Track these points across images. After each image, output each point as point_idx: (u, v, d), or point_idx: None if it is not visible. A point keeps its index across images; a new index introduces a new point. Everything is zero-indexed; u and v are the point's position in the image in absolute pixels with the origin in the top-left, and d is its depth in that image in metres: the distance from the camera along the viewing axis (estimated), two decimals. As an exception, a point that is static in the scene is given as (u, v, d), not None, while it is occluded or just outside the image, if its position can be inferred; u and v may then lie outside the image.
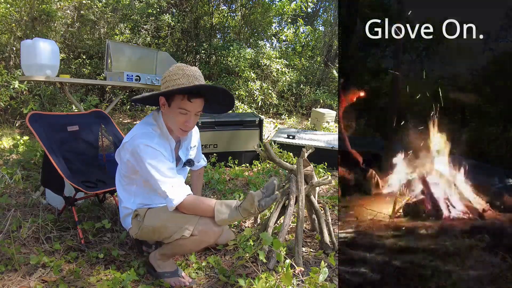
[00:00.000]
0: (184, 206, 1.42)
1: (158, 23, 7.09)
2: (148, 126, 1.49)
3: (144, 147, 1.40)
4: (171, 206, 1.41)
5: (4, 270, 1.58)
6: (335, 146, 3.52)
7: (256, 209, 1.36)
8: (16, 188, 2.53)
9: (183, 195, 1.42)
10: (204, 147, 3.34)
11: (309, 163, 1.90)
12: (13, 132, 4.34)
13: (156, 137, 1.46)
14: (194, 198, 1.46)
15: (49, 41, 2.67)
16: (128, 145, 1.44)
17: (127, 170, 1.52)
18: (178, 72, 1.43)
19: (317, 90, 8.09)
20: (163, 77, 1.49)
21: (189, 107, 1.45)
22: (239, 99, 6.88)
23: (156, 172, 1.39)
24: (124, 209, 1.58)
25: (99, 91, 6.81)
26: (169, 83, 1.43)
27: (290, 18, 8.99)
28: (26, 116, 1.93)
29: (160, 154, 1.42)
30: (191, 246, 1.50)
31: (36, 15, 5.63)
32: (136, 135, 1.44)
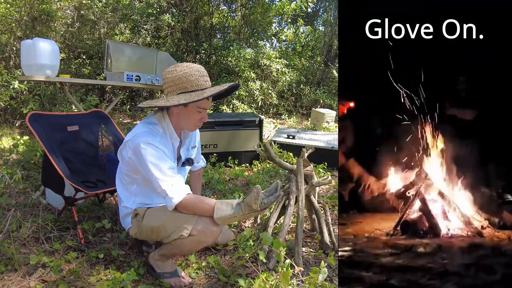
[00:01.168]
0: (183, 205, 1.41)
1: (158, 23, 7.09)
2: (151, 125, 1.49)
3: (146, 145, 1.39)
4: (170, 205, 1.41)
5: (4, 270, 1.58)
6: (335, 146, 3.52)
7: (259, 206, 1.34)
8: (16, 188, 2.53)
9: (183, 194, 1.41)
10: (204, 147, 3.34)
11: (309, 163, 1.90)
12: (13, 132, 4.34)
13: (159, 136, 1.46)
14: (194, 197, 1.46)
15: (49, 41, 2.67)
16: (131, 143, 1.44)
17: (129, 169, 1.52)
18: (194, 73, 1.43)
19: (317, 90, 8.09)
20: (170, 77, 1.45)
21: (207, 104, 1.49)
22: (239, 99, 6.88)
23: (157, 170, 1.39)
24: (124, 208, 1.58)
25: (99, 91, 6.81)
26: (186, 84, 1.42)
27: (290, 18, 8.99)
28: (26, 116, 1.93)
29: (162, 152, 1.42)
30: (190, 246, 1.49)
31: (36, 15, 5.63)
32: (139, 133, 1.43)
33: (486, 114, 1.38)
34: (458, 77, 1.37)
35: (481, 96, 1.38)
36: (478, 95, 1.37)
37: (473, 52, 1.29)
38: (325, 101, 7.57)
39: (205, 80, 1.47)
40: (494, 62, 1.32)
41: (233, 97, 6.83)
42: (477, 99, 1.38)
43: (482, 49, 1.28)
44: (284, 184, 1.93)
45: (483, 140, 1.40)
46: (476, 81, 1.35)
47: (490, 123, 1.39)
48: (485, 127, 1.39)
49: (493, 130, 1.40)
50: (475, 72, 1.34)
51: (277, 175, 3.19)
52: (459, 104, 1.40)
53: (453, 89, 1.38)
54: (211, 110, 6.26)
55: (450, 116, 1.40)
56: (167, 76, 1.47)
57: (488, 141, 1.40)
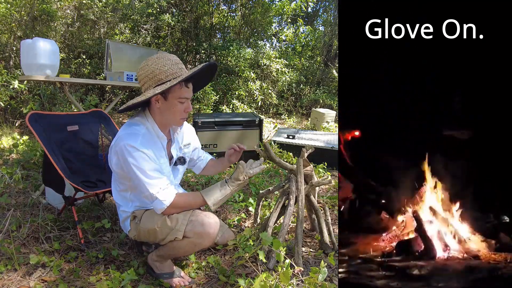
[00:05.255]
0: (174, 205, 1.40)
1: (158, 23, 7.08)
2: (132, 127, 1.43)
3: (128, 147, 1.34)
4: (161, 208, 1.38)
5: (4, 270, 1.58)
6: (335, 146, 3.52)
7: (245, 176, 1.49)
8: (16, 188, 2.53)
9: (173, 195, 1.40)
10: (204, 147, 3.33)
11: (309, 163, 1.90)
12: (13, 132, 4.34)
13: (140, 136, 1.39)
14: (180, 194, 1.46)
15: (49, 41, 2.66)
16: (114, 148, 1.40)
17: (119, 175, 1.49)
18: (166, 62, 1.38)
19: (317, 90, 8.09)
20: (143, 73, 1.40)
21: (188, 93, 1.43)
22: (239, 99, 6.88)
23: (141, 173, 1.35)
24: (122, 212, 1.57)
25: (99, 91, 6.80)
26: (161, 75, 1.37)
27: (290, 18, 8.98)
28: (26, 116, 1.93)
29: (143, 154, 1.36)
30: (185, 249, 1.48)
31: (36, 15, 5.63)
32: (120, 137, 1.39)
33: (481, 134, 1.36)
34: (454, 96, 1.35)
35: (477, 115, 1.36)
36: (474, 114, 1.36)
37: (472, 53, 1.29)
38: (325, 101, 7.57)
39: (179, 67, 1.41)
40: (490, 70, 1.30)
41: (233, 97, 6.83)
42: (473, 118, 1.36)
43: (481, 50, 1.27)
44: (283, 184, 1.93)
45: (479, 161, 1.37)
46: (471, 100, 1.34)
47: (486, 143, 1.36)
48: (480, 147, 1.37)
49: (489, 150, 1.37)
50: (471, 90, 1.33)
51: (277, 175, 3.19)
52: (455, 124, 1.38)
53: (448, 108, 1.36)
54: (211, 110, 6.26)
55: (446, 136, 1.38)
56: (140, 73, 1.42)
57: (484, 162, 1.37)
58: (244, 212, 2.40)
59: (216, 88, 6.71)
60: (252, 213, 2.35)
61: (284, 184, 1.93)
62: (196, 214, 1.45)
